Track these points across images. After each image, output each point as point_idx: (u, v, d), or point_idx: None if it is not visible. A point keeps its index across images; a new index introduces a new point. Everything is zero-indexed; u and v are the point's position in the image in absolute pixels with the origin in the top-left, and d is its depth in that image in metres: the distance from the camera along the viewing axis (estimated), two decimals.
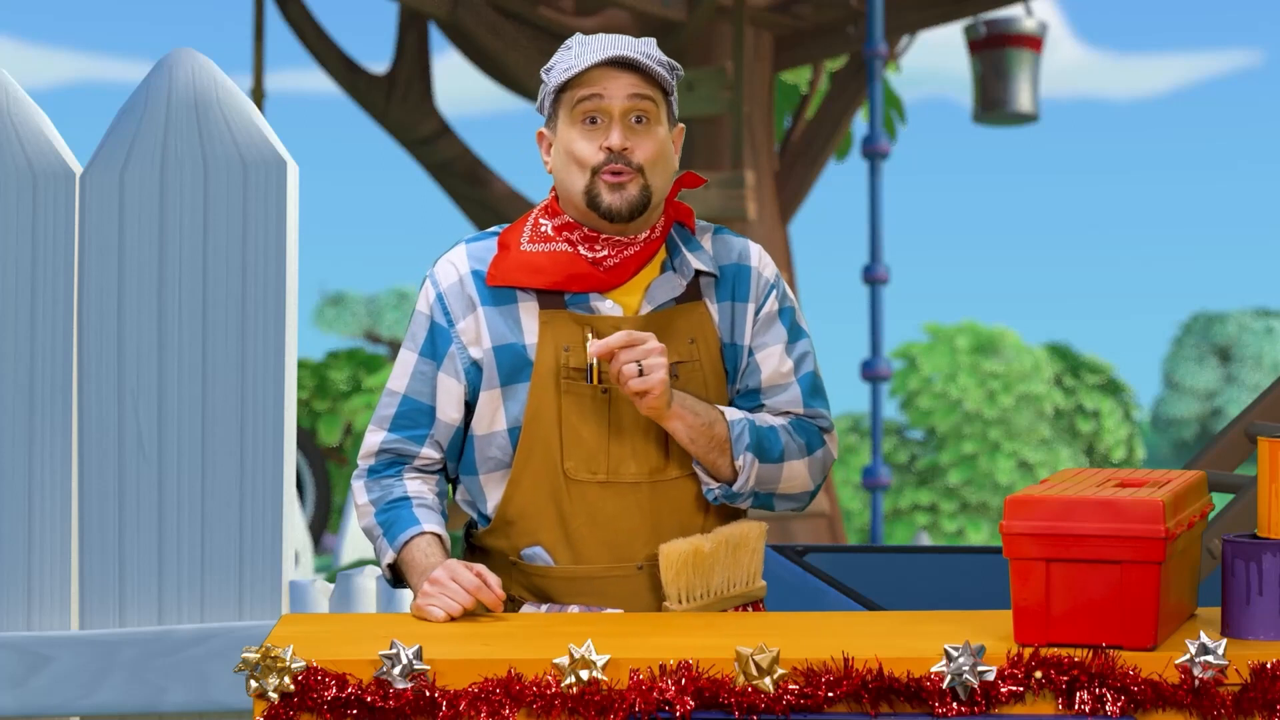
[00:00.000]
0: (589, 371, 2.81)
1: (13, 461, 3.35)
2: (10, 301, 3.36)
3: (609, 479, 2.81)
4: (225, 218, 3.33)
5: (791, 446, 2.88)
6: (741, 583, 2.88)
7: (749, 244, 2.94)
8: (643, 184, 2.80)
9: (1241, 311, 40.12)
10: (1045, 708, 2.41)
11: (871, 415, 9.57)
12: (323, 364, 19.39)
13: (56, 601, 3.35)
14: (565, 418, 2.81)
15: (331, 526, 18.31)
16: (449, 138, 11.19)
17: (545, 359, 2.81)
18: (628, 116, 2.80)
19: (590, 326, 2.82)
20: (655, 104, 2.82)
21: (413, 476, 2.90)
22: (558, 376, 2.81)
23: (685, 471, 2.85)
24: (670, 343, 2.84)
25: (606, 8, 10.86)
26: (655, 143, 2.81)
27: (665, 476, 2.83)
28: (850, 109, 11.54)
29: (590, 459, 2.81)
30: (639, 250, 2.85)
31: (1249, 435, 3.96)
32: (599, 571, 2.83)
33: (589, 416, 2.81)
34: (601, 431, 2.81)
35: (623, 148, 2.79)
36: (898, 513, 28.07)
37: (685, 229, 2.93)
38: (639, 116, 2.81)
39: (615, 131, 2.79)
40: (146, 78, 3.37)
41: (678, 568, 2.80)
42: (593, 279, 2.82)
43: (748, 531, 2.88)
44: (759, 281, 2.91)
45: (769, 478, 2.87)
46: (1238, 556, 2.55)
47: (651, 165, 2.81)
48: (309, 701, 2.40)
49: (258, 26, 10.59)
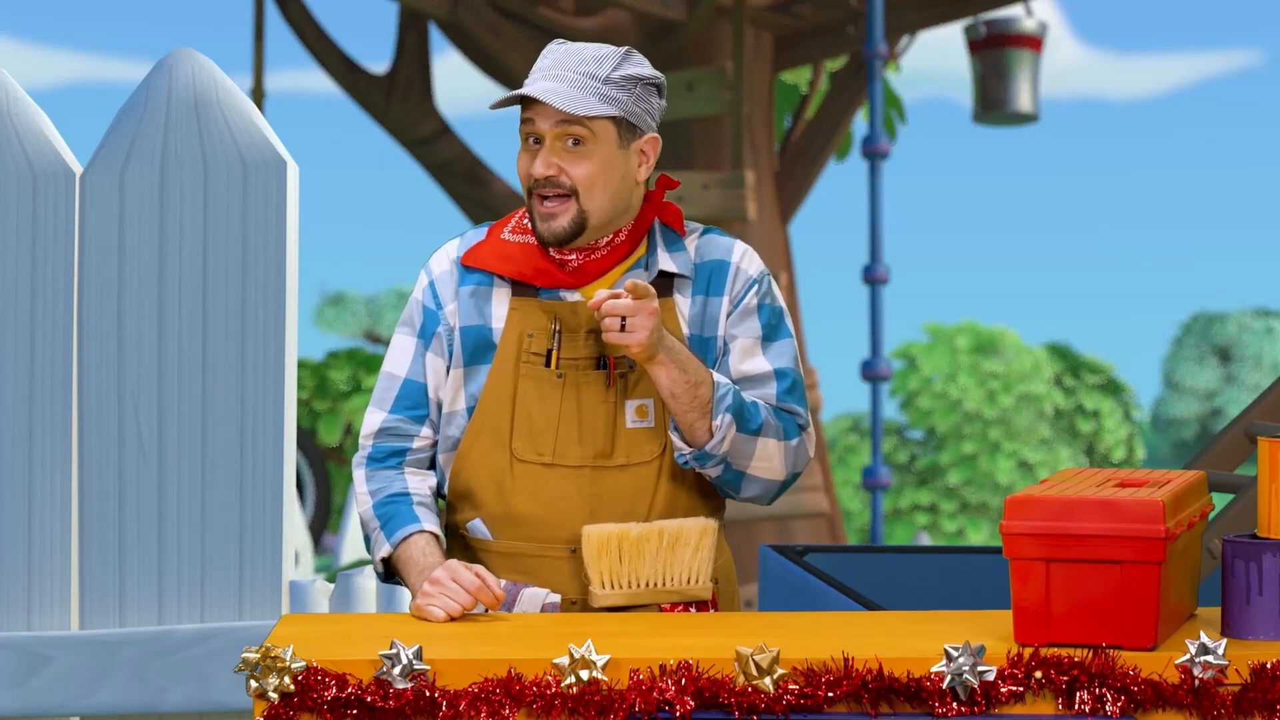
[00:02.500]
0: (548, 356, 2.88)
1: (13, 461, 3.35)
2: (10, 301, 3.36)
3: (554, 461, 2.88)
4: (225, 218, 3.33)
5: (771, 425, 2.89)
6: (679, 580, 2.87)
7: (736, 243, 2.98)
8: (576, 210, 2.86)
9: (1241, 311, 40.11)
10: (1045, 708, 2.41)
11: (871, 415, 9.57)
12: (323, 364, 19.39)
13: (56, 601, 3.35)
14: (520, 399, 2.89)
15: (331, 526, 18.31)
16: (449, 138, 11.18)
17: (509, 342, 2.90)
18: (561, 140, 2.86)
19: (555, 314, 2.89)
20: (589, 129, 2.85)
21: (412, 471, 2.96)
22: (518, 360, 2.89)
23: (632, 460, 2.88)
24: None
25: (606, 7, 10.86)
26: (591, 165, 2.85)
27: (610, 463, 2.88)
28: (850, 109, 11.54)
29: (537, 440, 2.88)
30: (603, 255, 2.92)
31: (1249, 435, 3.96)
32: (532, 550, 2.88)
33: (543, 399, 2.88)
34: (552, 414, 2.88)
35: (546, 175, 2.86)
36: (898, 513, 28.07)
37: (671, 230, 2.98)
38: (574, 139, 2.85)
39: (538, 161, 2.86)
40: (146, 78, 3.37)
41: (599, 549, 2.82)
42: (555, 277, 2.91)
43: (690, 528, 2.87)
44: (737, 276, 2.96)
45: (743, 451, 2.87)
46: (1238, 556, 2.55)
47: (587, 187, 2.86)
48: (309, 701, 2.40)
49: (258, 26, 10.59)
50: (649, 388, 2.90)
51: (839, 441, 29.69)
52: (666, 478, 2.90)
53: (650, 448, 2.89)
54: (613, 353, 2.90)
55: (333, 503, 17.90)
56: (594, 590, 2.83)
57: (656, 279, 2.95)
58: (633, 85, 2.88)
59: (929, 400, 28.42)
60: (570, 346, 2.89)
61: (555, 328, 2.89)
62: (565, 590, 2.88)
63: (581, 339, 2.89)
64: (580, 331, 2.89)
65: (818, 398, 10.46)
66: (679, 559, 2.86)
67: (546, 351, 2.89)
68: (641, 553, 2.84)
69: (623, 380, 2.90)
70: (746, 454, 2.88)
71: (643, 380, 2.90)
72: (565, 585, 2.88)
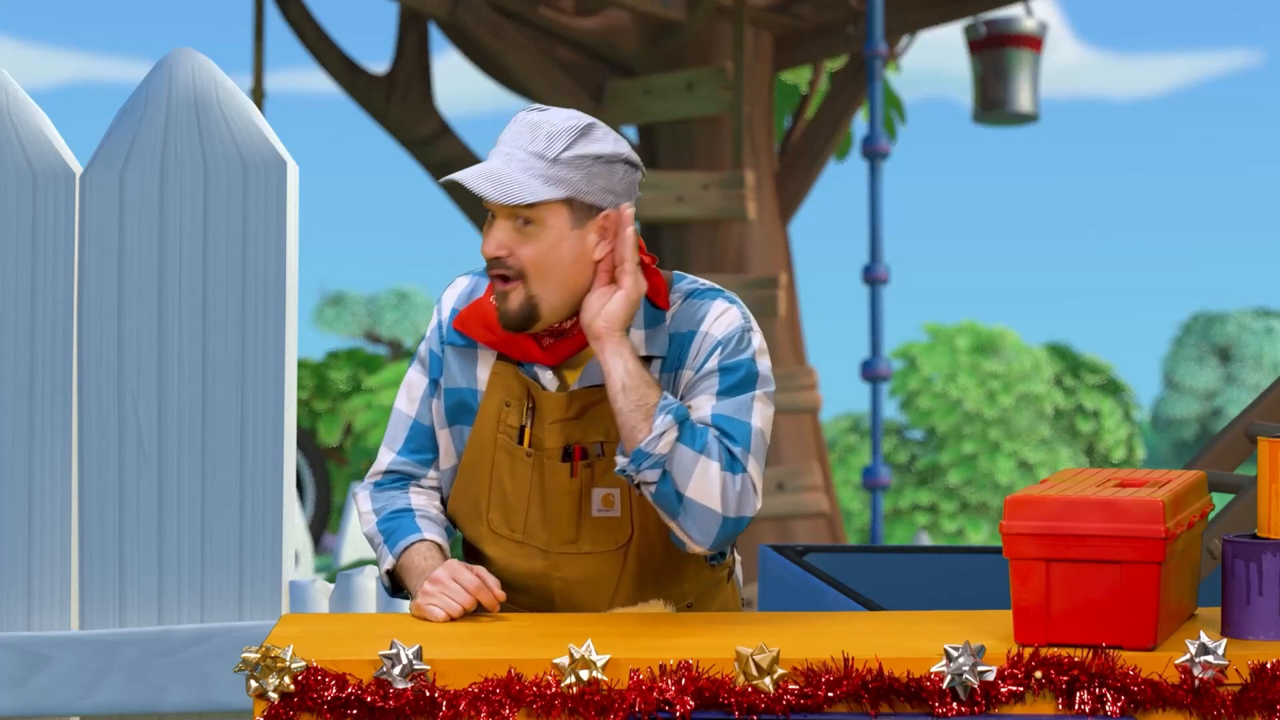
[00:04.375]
0: (520, 433, 2.85)
1: (13, 461, 3.35)
2: (10, 301, 3.36)
3: (524, 540, 2.87)
4: (225, 218, 3.33)
5: (714, 449, 2.71)
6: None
7: (713, 305, 2.83)
8: (525, 294, 2.75)
9: (1241, 311, 40.12)
10: (1045, 708, 2.41)
11: (871, 415, 9.57)
12: (323, 364, 19.39)
13: (56, 601, 3.35)
14: (495, 472, 2.87)
15: (331, 526, 18.30)
16: (449, 138, 11.19)
17: (489, 409, 2.87)
18: (511, 219, 2.75)
19: (530, 391, 2.85)
20: (535, 212, 2.73)
21: (417, 491, 2.97)
22: (496, 429, 2.86)
23: (597, 548, 2.86)
24: (599, 421, 2.82)
25: (606, 7, 10.86)
26: (539, 246, 2.73)
27: (575, 549, 2.86)
28: (850, 109, 11.54)
29: (510, 516, 2.88)
30: (572, 339, 2.82)
31: (1249, 435, 3.96)
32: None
33: (515, 476, 2.86)
34: (523, 493, 2.86)
35: (494, 256, 2.74)
36: (898, 513, 28.08)
37: (652, 305, 2.84)
38: (523, 220, 2.74)
39: (487, 241, 2.75)
40: (146, 78, 3.37)
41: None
42: (531, 353, 2.83)
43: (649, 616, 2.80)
44: (703, 344, 2.80)
45: (683, 467, 2.70)
46: (1238, 556, 2.55)
47: (535, 270, 2.74)
48: (309, 701, 2.40)
49: (258, 26, 10.59)
50: (616, 479, 2.82)
51: (839, 441, 29.70)
52: (633, 565, 2.86)
53: (615, 537, 2.85)
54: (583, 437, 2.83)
55: (333, 503, 17.90)
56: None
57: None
58: (587, 164, 2.73)
59: (929, 400, 28.43)
60: (540, 428, 2.83)
61: (529, 405, 2.84)
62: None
63: (547, 427, 2.82)
64: (546, 421, 2.83)
65: (818, 397, 10.46)
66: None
67: (520, 428, 2.85)
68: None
69: (589, 470, 2.83)
70: (686, 472, 2.69)
71: (609, 472, 2.82)
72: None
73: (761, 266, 10.80)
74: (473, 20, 10.50)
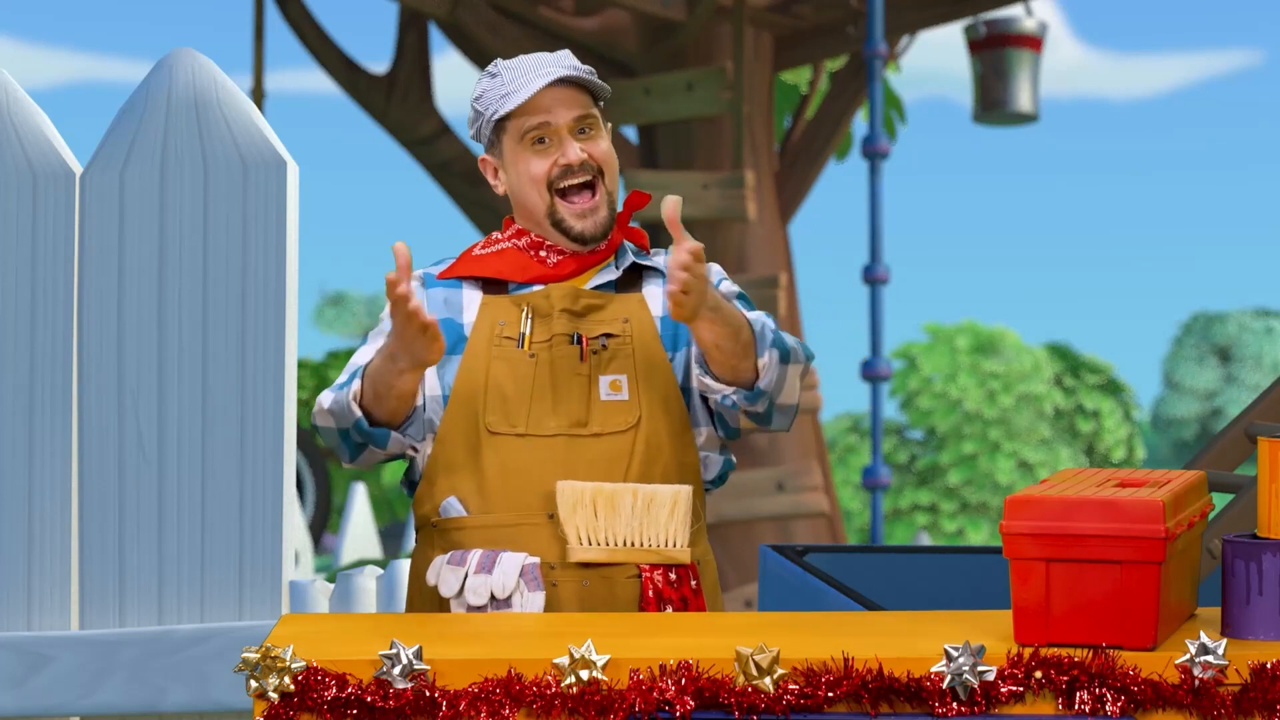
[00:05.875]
0: (520, 339, 2.94)
1: (13, 462, 3.35)
2: (10, 301, 3.36)
3: (527, 432, 2.92)
4: (225, 218, 3.33)
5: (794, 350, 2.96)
6: (657, 541, 2.90)
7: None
8: (605, 195, 2.98)
9: (1241, 311, 40.11)
10: (1045, 708, 2.41)
11: (871, 415, 9.57)
12: (323, 364, 19.38)
13: (56, 601, 3.35)
14: (492, 377, 2.94)
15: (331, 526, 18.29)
16: (449, 138, 11.18)
17: (481, 331, 2.96)
18: (573, 131, 2.96)
19: (528, 304, 2.96)
20: (596, 116, 2.99)
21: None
22: (490, 345, 2.95)
23: (606, 429, 2.92)
24: (604, 319, 2.97)
25: (606, 7, 10.86)
26: (605, 144, 2.99)
27: (585, 431, 2.92)
28: (850, 109, 11.54)
29: (510, 413, 2.92)
30: (585, 256, 3.01)
31: (1249, 435, 3.96)
32: (509, 520, 2.91)
33: (516, 376, 2.93)
34: (525, 389, 2.93)
35: (580, 160, 2.95)
36: (898, 513, 28.07)
37: (639, 249, 3.09)
38: (584, 129, 2.97)
39: (569, 149, 2.95)
40: (146, 78, 3.37)
41: (573, 504, 2.86)
42: (535, 270, 2.98)
43: (664, 492, 2.90)
44: (709, 273, 3.04)
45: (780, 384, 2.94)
46: (1238, 556, 2.55)
47: (608, 165, 2.98)
48: (309, 701, 2.40)
49: (258, 26, 10.59)
50: (623, 364, 2.95)
51: (839, 441, 29.69)
52: (641, 448, 2.93)
53: (624, 419, 2.94)
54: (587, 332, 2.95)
55: (333, 503, 17.88)
56: (571, 546, 2.87)
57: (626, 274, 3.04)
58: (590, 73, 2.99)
59: (929, 400, 28.41)
60: (542, 329, 2.95)
61: (527, 313, 2.96)
62: (544, 555, 2.91)
63: (554, 319, 2.95)
64: (553, 313, 2.96)
65: (818, 397, 10.46)
66: (655, 520, 2.90)
67: (520, 335, 2.94)
68: (616, 509, 2.87)
69: (595, 356, 2.95)
70: (779, 385, 2.93)
71: (616, 357, 2.95)
72: (544, 550, 2.91)
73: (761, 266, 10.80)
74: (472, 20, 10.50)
